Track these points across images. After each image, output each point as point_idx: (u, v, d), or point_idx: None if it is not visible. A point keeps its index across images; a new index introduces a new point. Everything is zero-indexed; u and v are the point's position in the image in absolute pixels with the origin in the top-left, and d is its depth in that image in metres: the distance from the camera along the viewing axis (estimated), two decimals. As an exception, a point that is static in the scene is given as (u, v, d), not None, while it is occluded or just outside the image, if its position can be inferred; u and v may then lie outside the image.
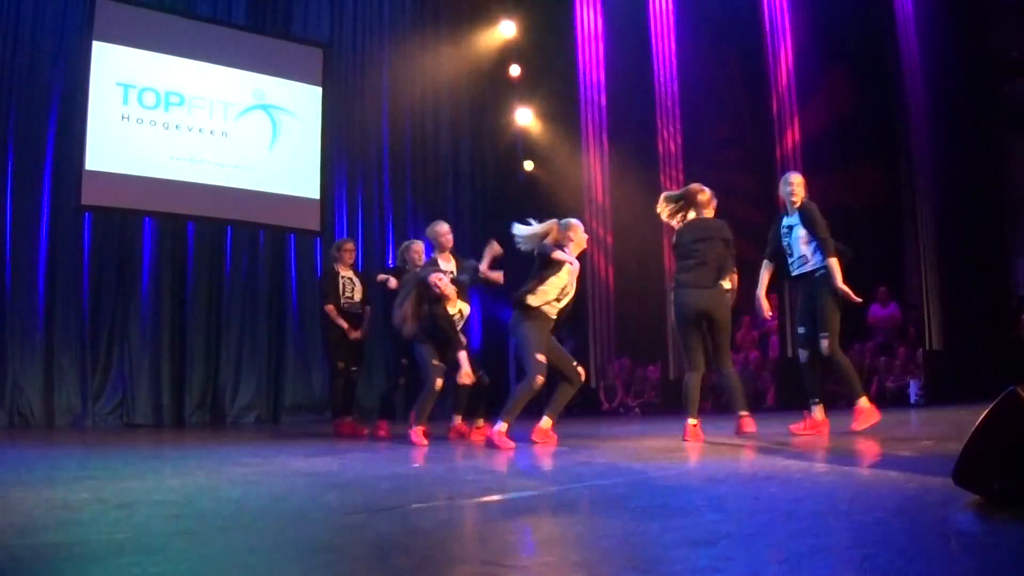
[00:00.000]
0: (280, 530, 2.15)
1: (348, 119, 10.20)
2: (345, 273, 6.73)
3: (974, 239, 9.49)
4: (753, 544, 1.87)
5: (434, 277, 5.48)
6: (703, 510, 2.36)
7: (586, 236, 5.30)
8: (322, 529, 2.16)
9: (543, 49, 11.25)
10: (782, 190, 5.22)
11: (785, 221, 5.18)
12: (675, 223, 5.25)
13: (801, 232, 5.04)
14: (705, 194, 5.21)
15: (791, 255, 5.13)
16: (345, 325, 6.55)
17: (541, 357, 4.91)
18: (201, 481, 3.35)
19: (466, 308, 5.77)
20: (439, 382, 5.52)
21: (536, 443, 4.93)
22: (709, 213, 5.23)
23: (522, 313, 4.98)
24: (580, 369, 5.23)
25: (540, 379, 4.88)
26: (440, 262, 5.99)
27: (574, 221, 5.23)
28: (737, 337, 9.11)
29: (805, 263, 5.06)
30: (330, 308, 6.56)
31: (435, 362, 5.52)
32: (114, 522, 2.31)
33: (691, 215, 5.22)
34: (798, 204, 5.09)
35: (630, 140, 10.78)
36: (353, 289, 6.70)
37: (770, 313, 5.44)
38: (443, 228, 6.22)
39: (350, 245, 6.94)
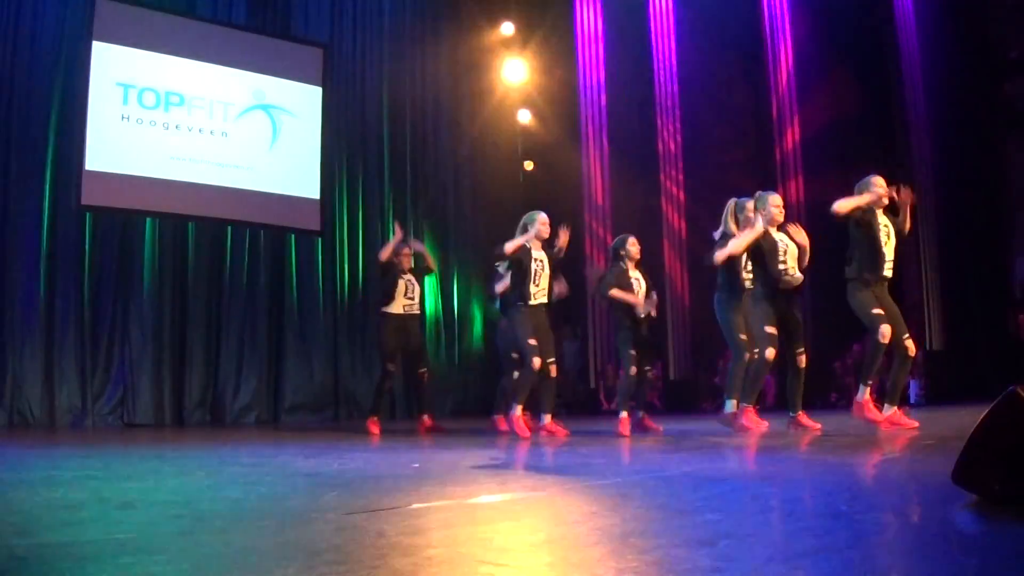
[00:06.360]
0: (280, 530, 2.15)
1: (348, 119, 10.19)
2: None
3: (974, 239, 9.49)
4: (753, 544, 1.87)
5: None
6: (703, 510, 2.36)
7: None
8: (322, 529, 2.15)
9: (543, 49, 11.25)
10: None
11: (882, 220, 5.33)
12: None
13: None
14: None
15: (886, 257, 5.33)
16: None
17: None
18: (201, 481, 3.34)
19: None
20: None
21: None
22: None
23: None
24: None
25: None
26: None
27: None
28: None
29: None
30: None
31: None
32: (114, 522, 2.31)
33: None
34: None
35: (630, 140, 10.78)
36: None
37: None
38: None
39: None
